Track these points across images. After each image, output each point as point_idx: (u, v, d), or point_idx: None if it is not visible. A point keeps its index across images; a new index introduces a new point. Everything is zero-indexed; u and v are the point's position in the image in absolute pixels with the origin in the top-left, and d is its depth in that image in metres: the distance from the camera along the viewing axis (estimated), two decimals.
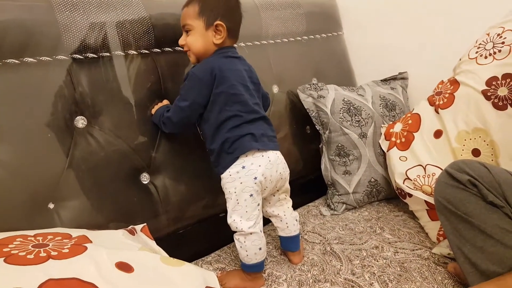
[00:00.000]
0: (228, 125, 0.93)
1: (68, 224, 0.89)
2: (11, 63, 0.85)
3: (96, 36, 0.96)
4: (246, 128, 0.93)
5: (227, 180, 0.94)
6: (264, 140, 0.95)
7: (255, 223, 0.93)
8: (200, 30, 0.95)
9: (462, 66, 1.17)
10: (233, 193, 0.92)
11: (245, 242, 0.93)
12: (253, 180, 0.91)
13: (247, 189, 0.92)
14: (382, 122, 1.38)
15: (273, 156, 0.96)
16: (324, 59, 1.56)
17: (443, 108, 1.17)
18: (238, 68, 0.97)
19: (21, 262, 0.57)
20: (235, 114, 0.93)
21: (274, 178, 0.96)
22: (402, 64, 1.55)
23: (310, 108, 1.35)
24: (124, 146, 0.99)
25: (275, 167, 0.96)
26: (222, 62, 0.95)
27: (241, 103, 0.94)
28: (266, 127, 0.98)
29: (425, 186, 1.13)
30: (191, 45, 0.97)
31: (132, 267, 0.65)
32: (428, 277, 0.96)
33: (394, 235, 1.17)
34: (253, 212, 0.93)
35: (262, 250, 0.95)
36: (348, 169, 1.34)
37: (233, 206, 0.93)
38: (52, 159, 0.90)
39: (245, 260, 0.96)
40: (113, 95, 0.99)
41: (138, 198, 1.02)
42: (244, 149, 0.92)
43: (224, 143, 0.94)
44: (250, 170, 0.92)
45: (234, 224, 0.93)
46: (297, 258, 1.07)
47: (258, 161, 0.93)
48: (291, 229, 1.05)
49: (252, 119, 0.95)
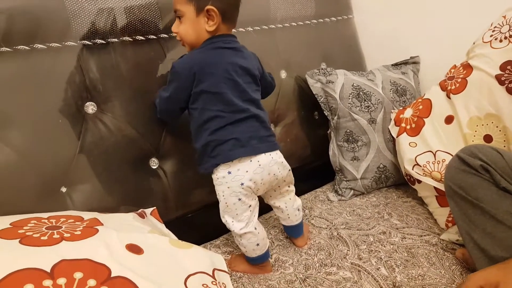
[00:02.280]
0: (211, 126, 0.88)
1: (80, 207, 0.92)
2: (22, 49, 0.86)
3: (104, 22, 0.96)
4: (230, 131, 0.87)
5: (215, 182, 0.92)
6: (253, 143, 0.89)
7: (246, 223, 0.92)
8: (190, 17, 0.88)
9: (476, 50, 1.14)
10: (222, 196, 0.91)
11: (241, 240, 0.94)
12: (239, 186, 0.88)
13: (234, 194, 0.89)
14: (392, 107, 1.37)
15: (265, 159, 0.90)
16: (333, 43, 1.54)
17: (455, 93, 1.15)
18: (225, 62, 0.89)
19: (36, 243, 0.59)
20: (217, 115, 0.87)
21: (267, 181, 0.92)
22: (414, 48, 1.53)
23: (319, 94, 1.35)
24: (133, 132, 1.00)
25: (267, 170, 0.90)
26: (207, 55, 0.89)
27: (224, 102, 0.87)
28: (257, 127, 0.91)
29: (434, 172, 1.12)
30: (183, 36, 0.91)
31: (142, 249, 0.67)
32: (435, 262, 0.96)
33: (402, 221, 1.17)
34: (244, 213, 0.91)
35: (261, 245, 0.95)
36: (357, 155, 1.33)
37: (223, 208, 0.92)
38: (64, 144, 0.91)
39: (247, 255, 0.97)
40: (122, 81, 0.99)
41: (147, 182, 1.03)
42: (227, 158, 0.88)
43: (206, 146, 0.89)
44: (236, 176, 0.88)
45: (227, 224, 0.93)
46: (301, 241, 1.08)
47: (245, 167, 0.88)
48: (293, 219, 1.05)
49: (238, 120, 0.88)
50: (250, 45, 1.26)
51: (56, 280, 0.53)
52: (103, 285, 0.55)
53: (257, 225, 0.95)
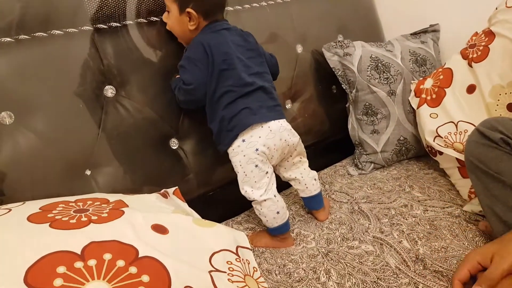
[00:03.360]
0: (223, 101, 0.93)
1: (104, 189, 0.94)
2: (40, 36, 0.87)
3: (119, 4, 0.96)
4: (241, 103, 0.93)
5: (231, 154, 0.96)
6: (263, 111, 0.94)
7: (266, 190, 0.95)
8: (175, 14, 0.96)
9: (498, 16, 1.10)
10: (239, 166, 0.94)
11: (261, 209, 0.96)
12: (255, 151, 0.92)
13: (250, 160, 0.93)
14: (412, 78, 1.34)
15: (275, 125, 0.95)
16: (349, 14, 1.50)
17: (477, 61, 1.12)
18: (227, 40, 0.95)
19: (65, 226, 0.61)
20: (228, 90, 0.93)
21: (279, 147, 0.96)
22: (433, 16, 1.48)
23: (336, 67, 1.33)
24: (152, 113, 1.01)
25: (278, 136, 0.95)
26: (211, 37, 0.94)
27: (234, 78, 0.93)
28: (265, 98, 0.96)
29: (456, 143, 1.10)
30: (171, 29, 1.00)
31: (167, 229, 0.69)
32: (458, 234, 0.96)
33: (423, 193, 1.16)
34: (262, 180, 0.94)
35: (281, 213, 0.97)
36: (376, 128, 1.32)
37: (242, 178, 0.95)
38: (86, 128, 0.93)
39: (268, 225, 0.98)
40: (139, 64, 1.00)
41: (168, 162, 1.05)
42: (243, 126, 0.93)
43: (222, 121, 0.94)
44: (250, 142, 0.93)
45: (246, 195, 0.96)
46: (322, 215, 1.09)
47: (257, 133, 0.93)
48: (311, 189, 1.07)
49: (248, 92, 0.93)
50: (264, 20, 1.25)
51: (87, 261, 0.55)
52: (132, 265, 0.57)
53: (276, 193, 0.97)
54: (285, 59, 1.27)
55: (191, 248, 0.68)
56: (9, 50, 0.84)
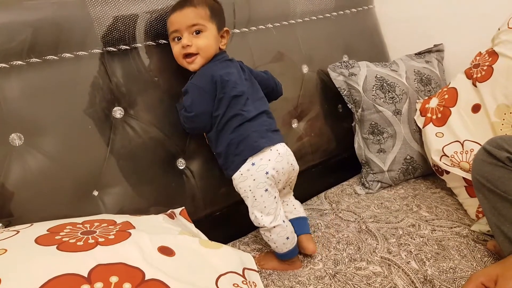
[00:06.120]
0: (232, 125, 0.94)
1: (111, 209, 0.95)
2: (51, 59, 0.89)
3: (128, 28, 0.98)
4: (249, 126, 0.94)
5: (239, 180, 0.95)
6: (269, 134, 0.96)
7: (275, 216, 0.94)
8: (214, 33, 0.96)
9: (501, 37, 1.11)
10: (249, 191, 0.93)
11: (270, 235, 0.95)
12: (265, 175, 0.92)
13: (260, 185, 0.92)
14: (417, 97, 1.34)
15: (282, 148, 0.97)
16: (354, 35, 1.52)
17: (481, 81, 1.12)
18: (233, 71, 0.97)
19: (72, 249, 0.62)
20: (237, 113, 0.94)
21: (286, 170, 0.97)
22: (437, 36, 1.49)
23: (342, 87, 1.34)
24: (159, 134, 1.02)
25: (286, 159, 0.96)
26: (219, 67, 0.96)
27: (242, 103, 0.95)
28: (269, 121, 0.98)
29: (463, 162, 1.10)
30: (205, 48, 0.95)
31: (174, 251, 0.69)
32: (466, 255, 0.95)
33: (431, 212, 1.15)
34: (271, 206, 0.94)
35: (290, 239, 0.96)
36: (383, 147, 1.32)
37: (252, 203, 0.94)
38: (94, 149, 0.94)
39: (277, 250, 0.97)
40: (147, 86, 1.01)
41: (175, 182, 1.05)
42: (254, 149, 0.93)
43: (229, 145, 0.95)
44: (261, 166, 0.92)
45: (256, 220, 0.95)
46: (311, 244, 1.02)
47: (267, 156, 0.93)
48: (299, 210, 1.07)
49: (253, 117, 0.95)
50: (271, 42, 1.27)
51: (93, 284, 0.55)
52: None
53: (284, 219, 0.97)
54: (291, 79, 1.29)
55: (198, 270, 0.68)
56: (21, 73, 0.86)
